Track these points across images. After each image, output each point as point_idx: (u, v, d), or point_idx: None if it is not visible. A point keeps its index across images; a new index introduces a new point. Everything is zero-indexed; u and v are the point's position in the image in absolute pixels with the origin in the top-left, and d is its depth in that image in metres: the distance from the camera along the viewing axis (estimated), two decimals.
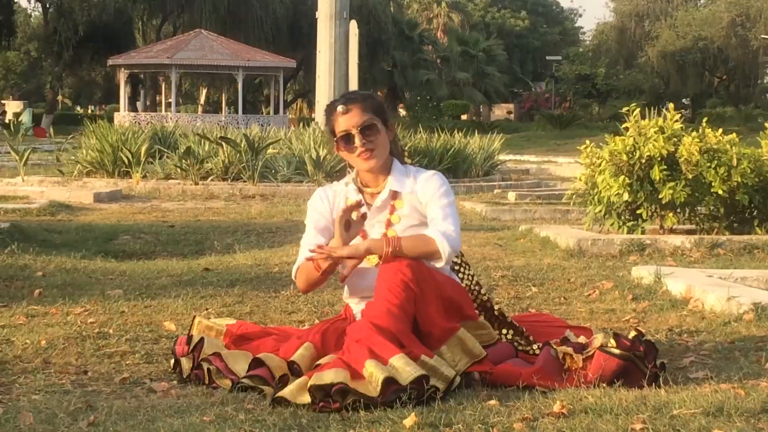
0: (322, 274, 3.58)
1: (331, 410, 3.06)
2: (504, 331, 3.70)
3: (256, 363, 3.41)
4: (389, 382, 3.08)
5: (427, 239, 3.47)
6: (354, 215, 3.54)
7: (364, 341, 3.22)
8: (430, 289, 3.39)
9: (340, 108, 3.63)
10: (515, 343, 3.66)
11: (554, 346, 3.53)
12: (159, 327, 4.39)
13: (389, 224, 3.63)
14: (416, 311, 3.36)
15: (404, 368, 3.12)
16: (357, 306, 3.65)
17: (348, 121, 3.61)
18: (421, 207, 3.62)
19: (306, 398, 3.12)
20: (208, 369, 3.46)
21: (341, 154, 3.69)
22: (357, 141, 3.57)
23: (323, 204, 3.75)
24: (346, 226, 3.51)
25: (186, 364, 3.52)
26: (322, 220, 3.72)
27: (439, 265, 3.50)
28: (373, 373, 3.11)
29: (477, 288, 3.78)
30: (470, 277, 3.80)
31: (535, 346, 3.62)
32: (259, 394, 3.30)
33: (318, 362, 3.30)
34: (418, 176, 3.68)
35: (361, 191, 3.71)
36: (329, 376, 3.12)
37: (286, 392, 3.17)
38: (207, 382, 3.44)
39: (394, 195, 3.65)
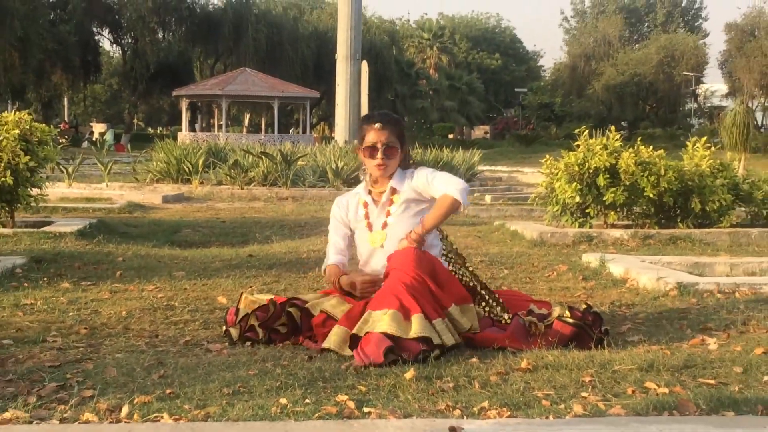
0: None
1: (370, 364, 3.04)
2: (483, 304, 3.65)
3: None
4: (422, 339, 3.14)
5: (441, 200, 3.53)
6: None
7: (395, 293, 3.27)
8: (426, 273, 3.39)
9: (377, 125, 3.67)
10: (492, 315, 3.63)
11: (522, 317, 3.53)
12: (213, 301, 4.40)
13: (387, 214, 3.67)
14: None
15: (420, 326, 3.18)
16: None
17: (378, 136, 3.65)
18: (420, 194, 3.63)
19: (348, 352, 3.20)
20: (257, 327, 3.49)
21: (361, 157, 3.74)
22: (379, 155, 3.63)
23: (340, 211, 3.83)
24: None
25: (234, 332, 3.53)
26: (341, 226, 3.82)
27: (462, 209, 3.58)
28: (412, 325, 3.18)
29: (461, 274, 3.71)
30: (451, 260, 3.76)
31: (506, 316, 3.60)
32: (292, 353, 3.31)
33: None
34: (412, 175, 3.69)
35: (370, 192, 3.75)
36: (383, 324, 3.16)
37: (331, 343, 3.22)
38: (260, 336, 3.47)
39: (393, 191, 3.69)
